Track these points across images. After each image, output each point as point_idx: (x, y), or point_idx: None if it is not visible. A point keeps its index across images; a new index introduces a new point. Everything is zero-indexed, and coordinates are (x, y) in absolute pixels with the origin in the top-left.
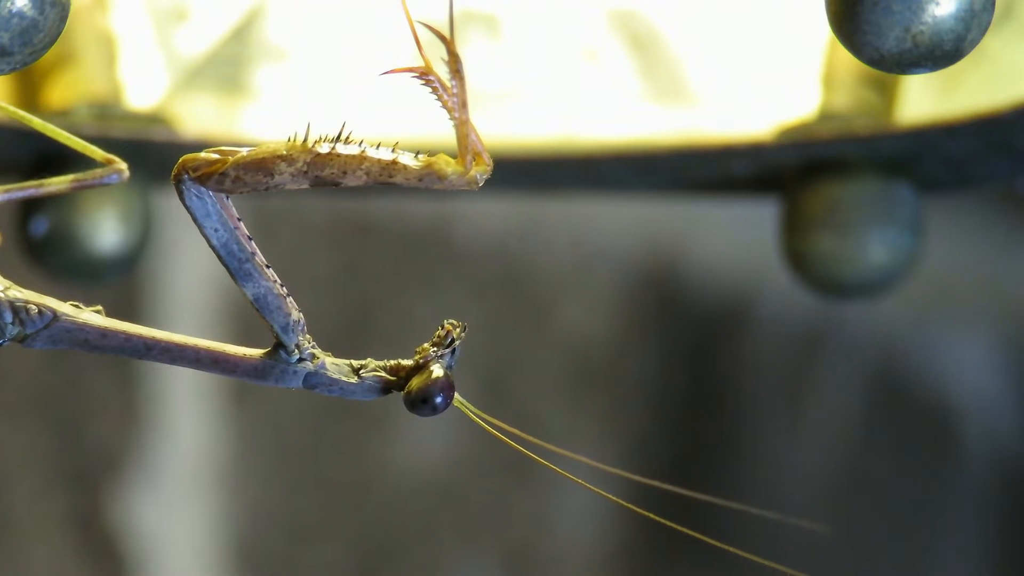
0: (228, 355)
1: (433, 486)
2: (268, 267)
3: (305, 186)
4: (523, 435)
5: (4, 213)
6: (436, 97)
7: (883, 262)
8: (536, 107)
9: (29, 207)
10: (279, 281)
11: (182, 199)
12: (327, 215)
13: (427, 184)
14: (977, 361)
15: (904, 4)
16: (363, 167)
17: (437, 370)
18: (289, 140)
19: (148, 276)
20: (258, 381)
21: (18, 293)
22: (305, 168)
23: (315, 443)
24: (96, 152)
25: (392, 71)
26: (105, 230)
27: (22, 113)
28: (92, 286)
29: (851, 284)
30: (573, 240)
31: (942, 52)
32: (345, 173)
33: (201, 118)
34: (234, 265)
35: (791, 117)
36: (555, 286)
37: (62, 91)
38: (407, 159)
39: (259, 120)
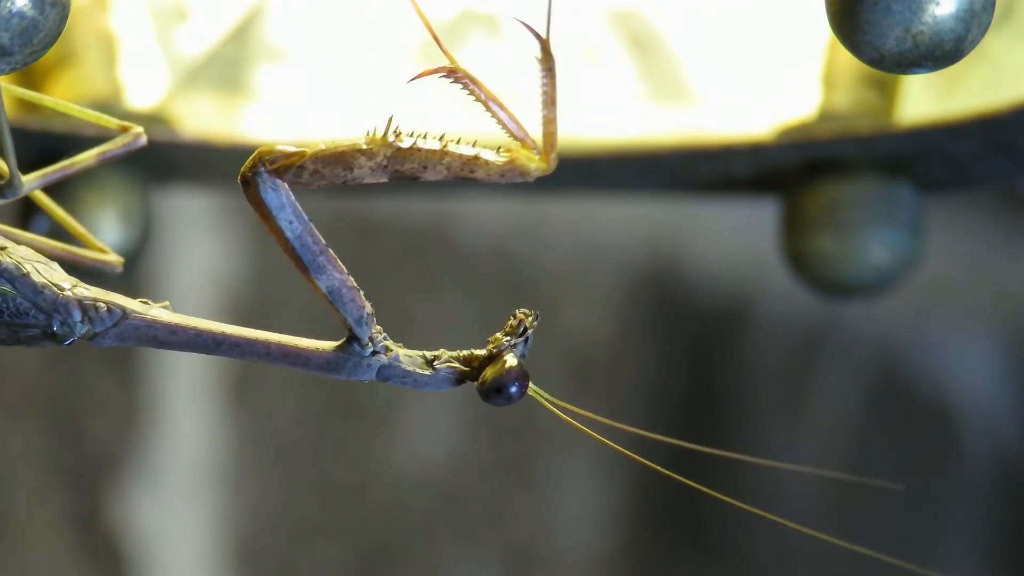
0: (300, 349)
1: (433, 486)
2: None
3: (383, 180)
4: (603, 420)
5: (4, 212)
6: (468, 92)
7: (883, 262)
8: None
9: (29, 207)
10: (350, 274)
11: (256, 191)
12: (327, 215)
13: (509, 179)
14: (977, 361)
15: (904, 4)
16: (444, 162)
17: (511, 359)
18: (369, 134)
19: (148, 276)
20: (331, 374)
21: (85, 291)
22: (385, 162)
23: (315, 443)
24: (111, 121)
25: (419, 76)
26: (105, 230)
27: (32, 94)
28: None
29: (851, 284)
30: (573, 240)
31: (942, 52)
32: (426, 168)
33: (201, 118)
34: (308, 258)
35: (791, 117)
36: (555, 286)
37: (62, 91)
38: (489, 154)
39: (259, 120)
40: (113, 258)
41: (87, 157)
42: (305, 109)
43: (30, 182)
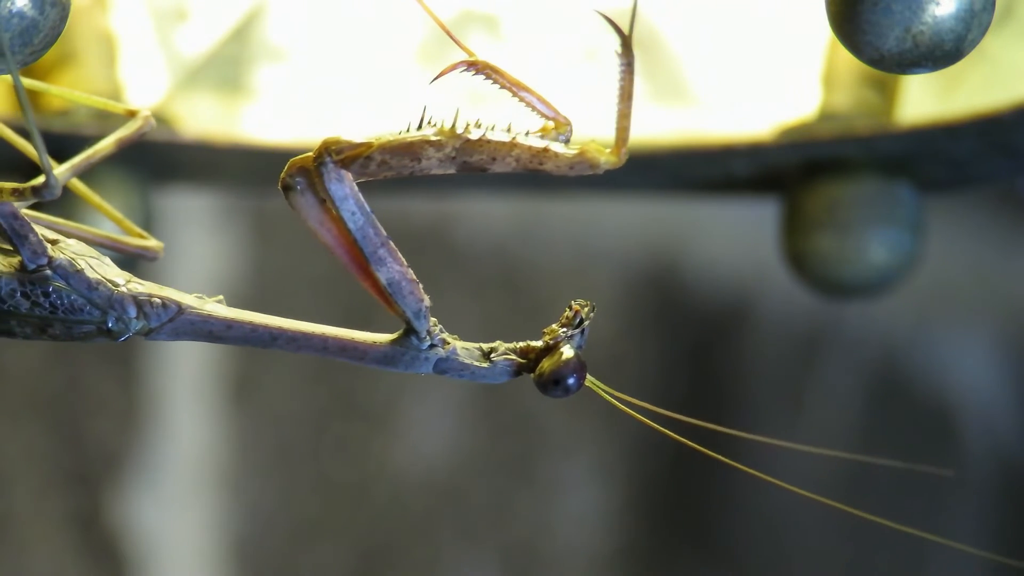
0: (356, 342)
1: (433, 486)
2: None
3: (451, 171)
4: (661, 412)
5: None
6: (492, 81)
7: (883, 262)
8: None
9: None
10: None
11: (321, 182)
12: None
13: (578, 171)
14: (977, 361)
15: (904, 4)
16: (513, 154)
17: (567, 351)
18: (438, 125)
19: (148, 276)
20: (387, 367)
21: (139, 286)
22: (453, 154)
23: (315, 443)
24: (117, 107)
25: (441, 74)
26: (106, 230)
27: (40, 84)
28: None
29: (851, 284)
30: (573, 240)
31: (942, 52)
32: (494, 160)
33: (201, 118)
34: (369, 249)
35: (791, 117)
36: (555, 286)
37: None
38: (558, 146)
39: (259, 120)
40: (154, 243)
41: (107, 145)
42: (305, 109)
43: (62, 175)
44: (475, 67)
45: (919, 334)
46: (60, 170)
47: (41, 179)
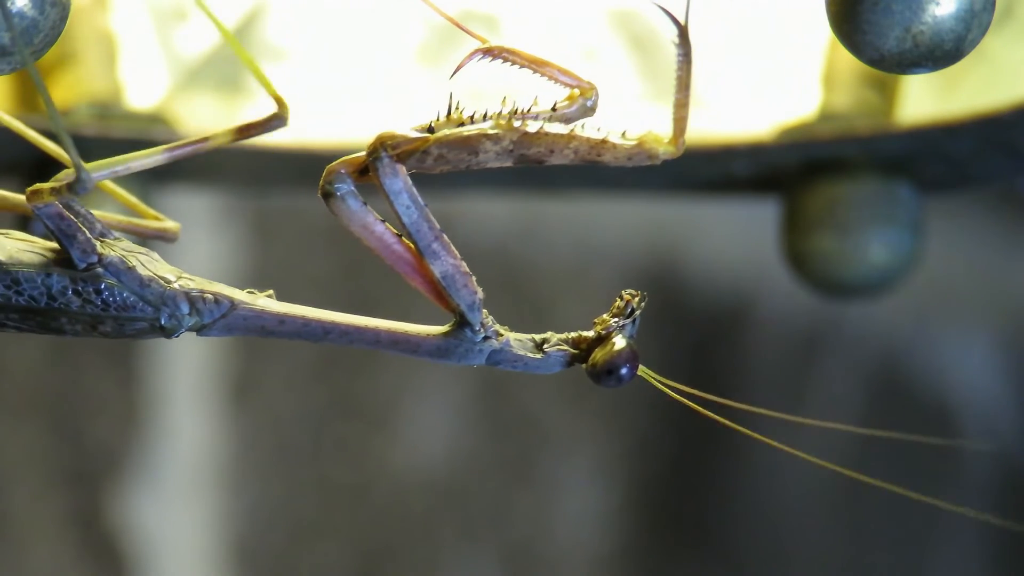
0: (409, 335)
1: (433, 486)
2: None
3: (508, 164)
4: (719, 400)
5: (4, 213)
6: (511, 63)
7: (883, 262)
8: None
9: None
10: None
11: (376, 174)
12: (327, 215)
13: (636, 162)
14: (977, 361)
15: (904, 4)
16: (571, 146)
17: (620, 341)
18: (495, 119)
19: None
20: (440, 360)
21: (190, 282)
22: (511, 147)
23: (315, 443)
24: (272, 89)
25: (459, 68)
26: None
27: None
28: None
29: (851, 284)
30: (573, 240)
31: (942, 52)
32: (552, 152)
33: (201, 118)
34: (423, 243)
35: (791, 117)
36: (555, 286)
37: (62, 91)
38: (616, 137)
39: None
40: (171, 224)
41: (225, 134)
42: (305, 109)
43: (97, 171)
44: (491, 53)
45: (919, 334)
46: (96, 165)
47: (72, 175)
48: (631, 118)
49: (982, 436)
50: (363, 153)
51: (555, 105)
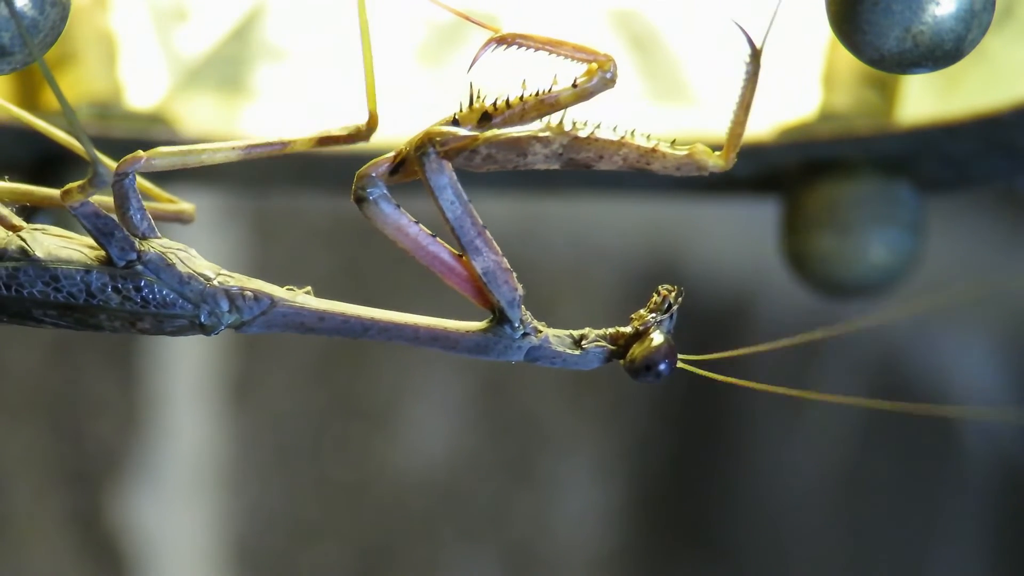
0: (449, 331)
1: (433, 486)
2: None
3: (555, 167)
4: (764, 387)
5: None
6: (526, 47)
7: (883, 262)
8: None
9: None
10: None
11: (422, 170)
12: (327, 215)
13: (684, 172)
14: (977, 361)
15: (904, 4)
16: (621, 153)
17: (658, 337)
18: (546, 122)
19: None
20: (479, 356)
21: (229, 278)
22: (560, 150)
23: (315, 443)
24: (374, 103)
25: (475, 61)
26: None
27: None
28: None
29: (851, 284)
30: (573, 240)
31: (942, 52)
32: (601, 157)
33: (201, 118)
34: (466, 238)
35: (791, 117)
36: (555, 286)
37: (63, 91)
38: (666, 147)
39: (259, 120)
40: (186, 207)
41: (306, 142)
42: (305, 109)
43: (157, 157)
44: (504, 41)
45: (919, 334)
46: (153, 153)
47: (90, 172)
48: (631, 118)
49: (982, 436)
50: (391, 154)
51: (575, 81)
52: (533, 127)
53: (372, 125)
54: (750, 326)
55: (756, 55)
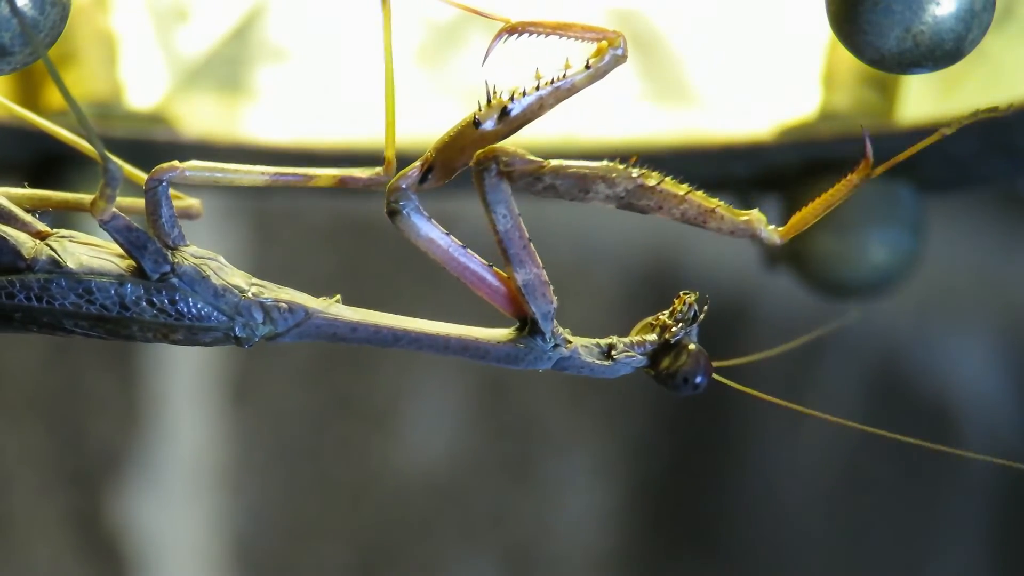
0: (479, 341)
1: (433, 486)
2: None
3: (610, 206)
4: (782, 402)
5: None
6: (536, 34)
7: (883, 262)
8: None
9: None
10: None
11: (481, 185)
12: (327, 215)
13: (738, 236)
14: (977, 361)
15: (905, 4)
16: (681, 207)
17: (694, 349)
18: (612, 164)
19: None
20: (509, 365)
21: (263, 290)
22: (623, 193)
23: (315, 443)
24: (391, 150)
25: (488, 53)
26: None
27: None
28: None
29: (851, 284)
30: (573, 240)
31: (943, 52)
32: (660, 207)
33: (201, 118)
34: (512, 250)
35: (791, 117)
36: (555, 286)
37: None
38: (725, 210)
39: (259, 120)
40: (193, 202)
41: (328, 178)
42: (305, 109)
43: (191, 171)
44: (515, 31)
45: (919, 334)
46: (188, 166)
47: (102, 171)
48: (631, 118)
49: (982, 436)
50: (417, 163)
51: (588, 63)
52: (601, 165)
53: (389, 172)
54: (750, 326)
55: (866, 168)
